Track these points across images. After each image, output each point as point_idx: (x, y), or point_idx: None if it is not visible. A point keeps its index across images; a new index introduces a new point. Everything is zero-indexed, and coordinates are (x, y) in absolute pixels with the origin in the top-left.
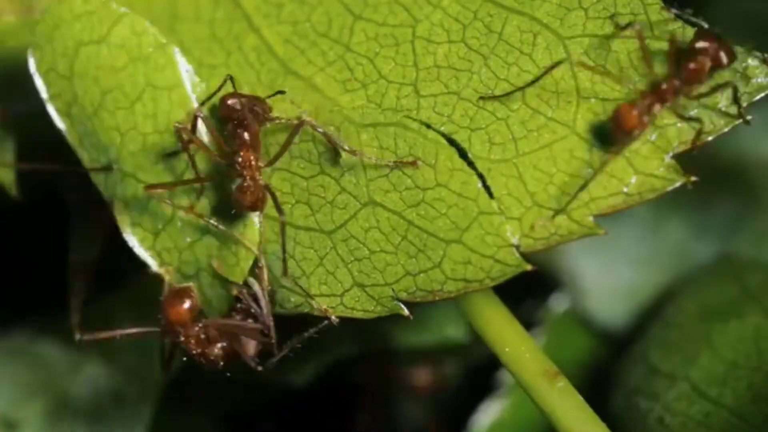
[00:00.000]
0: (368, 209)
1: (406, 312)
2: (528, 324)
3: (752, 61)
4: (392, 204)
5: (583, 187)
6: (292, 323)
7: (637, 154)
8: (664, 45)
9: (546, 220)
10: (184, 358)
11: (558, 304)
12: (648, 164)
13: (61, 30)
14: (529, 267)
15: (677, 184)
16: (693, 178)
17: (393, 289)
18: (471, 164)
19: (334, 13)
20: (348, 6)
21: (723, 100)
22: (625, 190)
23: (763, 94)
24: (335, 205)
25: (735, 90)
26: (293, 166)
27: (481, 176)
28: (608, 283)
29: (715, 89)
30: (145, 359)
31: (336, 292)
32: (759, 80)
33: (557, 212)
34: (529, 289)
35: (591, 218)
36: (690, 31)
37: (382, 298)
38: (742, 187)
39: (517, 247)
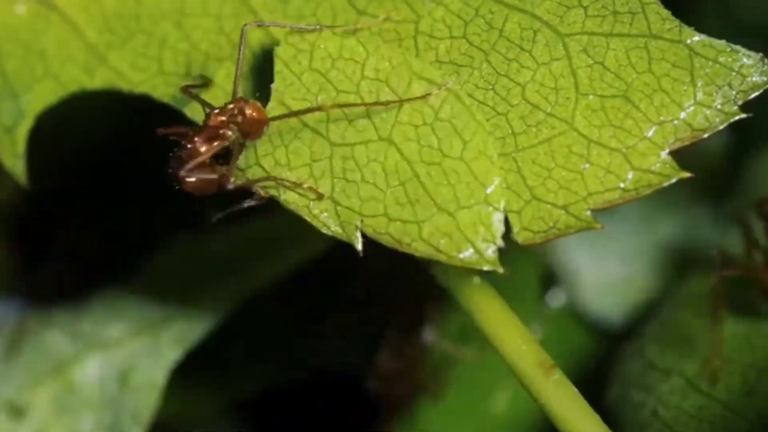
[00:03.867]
0: (382, 144)
1: (359, 247)
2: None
3: (747, 60)
4: (408, 152)
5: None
6: None
7: (634, 150)
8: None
9: (544, 214)
10: None
11: (555, 298)
12: (645, 160)
13: None
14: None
15: (673, 180)
16: (688, 175)
17: (362, 221)
18: (503, 156)
19: (339, 9)
20: (352, 1)
21: (718, 98)
22: (622, 185)
23: (757, 93)
24: (353, 125)
25: (730, 87)
26: None
27: None
28: (602, 278)
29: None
30: (150, 346)
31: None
32: (754, 79)
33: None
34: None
35: (588, 212)
36: (687, 31)
37: (346, 222)
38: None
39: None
